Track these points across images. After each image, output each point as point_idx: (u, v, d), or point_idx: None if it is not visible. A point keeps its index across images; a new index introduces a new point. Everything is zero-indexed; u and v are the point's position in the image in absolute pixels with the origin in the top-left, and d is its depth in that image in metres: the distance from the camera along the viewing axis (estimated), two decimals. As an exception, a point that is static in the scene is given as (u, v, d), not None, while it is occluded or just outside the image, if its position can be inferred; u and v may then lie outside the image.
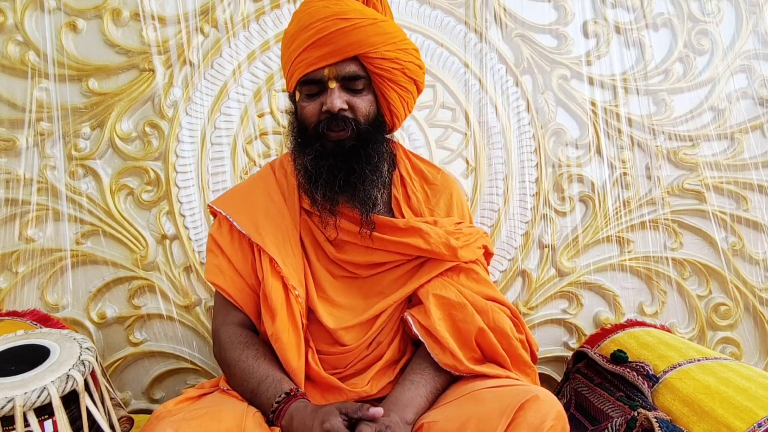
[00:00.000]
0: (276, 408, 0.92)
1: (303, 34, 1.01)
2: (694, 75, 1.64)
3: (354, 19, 1.00)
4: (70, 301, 1.50)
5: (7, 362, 0.98)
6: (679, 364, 1.20)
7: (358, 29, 1.00)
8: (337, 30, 0.99)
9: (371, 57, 1.01)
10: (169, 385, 1.55)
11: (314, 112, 1.03)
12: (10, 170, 1.49)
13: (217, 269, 1.09)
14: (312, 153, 1.03)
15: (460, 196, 1.23)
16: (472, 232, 1.15)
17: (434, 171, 1.23)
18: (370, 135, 1.05)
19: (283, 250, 1.06)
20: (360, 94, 1.04)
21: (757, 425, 0.92)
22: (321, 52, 1.00)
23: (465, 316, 1.03)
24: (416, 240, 1.07)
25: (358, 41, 1.00)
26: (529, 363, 1.06)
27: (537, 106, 1.61)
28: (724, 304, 1.64)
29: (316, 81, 1.02)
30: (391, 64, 1.04)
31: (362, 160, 1.04)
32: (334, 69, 1.01)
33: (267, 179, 1.17)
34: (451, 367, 1.01)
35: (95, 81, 1.51)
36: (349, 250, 1.11)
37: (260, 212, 1.10)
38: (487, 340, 1.02)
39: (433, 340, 1.03)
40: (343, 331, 1.05)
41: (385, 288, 1.11)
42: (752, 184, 1.64)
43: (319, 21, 0.99)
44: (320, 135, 1.03)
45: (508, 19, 1.61)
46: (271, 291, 1.02)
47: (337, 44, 0.99)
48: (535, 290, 1.61)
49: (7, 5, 1.48)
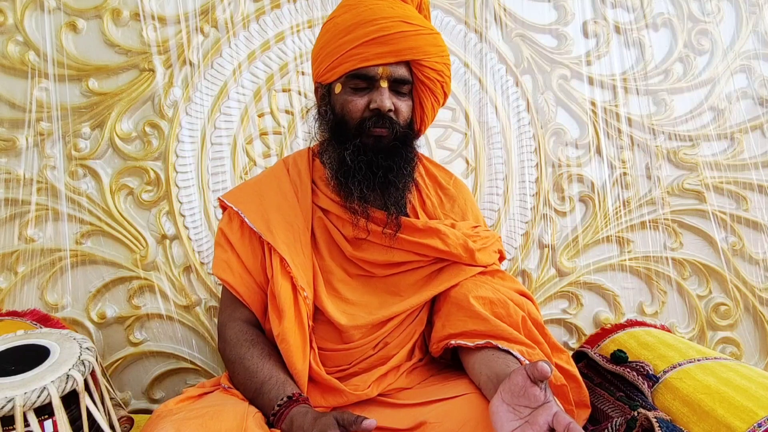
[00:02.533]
0: (277, 411, 0.92)
1: (363, 29, 1.01)
2: (694, 75, 1.64)
3: (417, 25, 1.02)
4: (70, 301, 1.50)
5: (7, 362, 0.98)
6: (679, 364, 1.20)
7: (419, 36, 1.02)
8: (400, 32, 1.00)
9: (422, 65, 1.04)
10: (169, 385, 1.55)
11: (360, 107, 1.03)
12: (10, 170, 1.48)
13: (226, 264, 1.08)
14: (351, 147, 1.03)
15: (472, 201, 1.24)
16: (489, 236, 1.16)
17: (447, 176, 1.24)
18: (406, 138, 1.07)
19: (294, 250, 1.06)
20: (404, 98, 1.06)
21: (757, 425, 0.92)
22: (380, 50, 1.00)
23: (508, 311, 1.03)
24: (434, 241, 1.07)
25: (417, 47, 1.02)
26: (562, 348, 1.07)
27: (537, 106, 1.61)
28: (724, 304, 1.64)
29: (367, 77, 1.02)
30: (436, 75, 1.06)
31: (401, 160, 1.05)
32: (389, 69, 1.02)
33: (280, 176, 1.16)
34: (525, 355, 0.96)
35: (95, 81, 1.51)
36: (367, 248, 1.10)
37: (272, 210, 1.10)
38: (528, 328, 1.03)
39: (498, 339, 0.98)
40: (354, 329, 1.05)
41: (402, 290, 1.10)
42: (752, 184, 1.64)
43: (383, 19, 1.00)
44: (362, 131, 1.03)
45: (508, 19, 1.61)
46: (280, 291, 1.01)
47: (397, 46, 1.01)
48: (535, 290, 1.61)
49: (7, 5, 1.48)
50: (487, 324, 1.00)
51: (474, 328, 1.01)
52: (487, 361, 0.94)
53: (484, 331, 1.00)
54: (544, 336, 1.04)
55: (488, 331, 1.00)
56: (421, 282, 1.11)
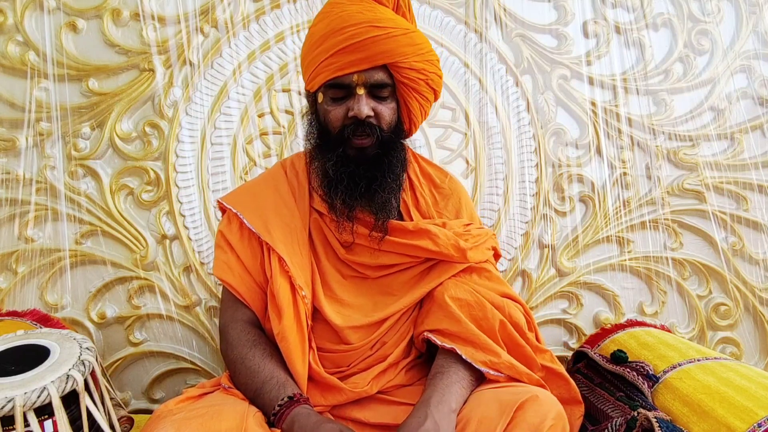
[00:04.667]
0: (278, 411, 0.92)
1: (334, 38, 1.00)
2: (694, 75, 1.64)
3: (387, 27, 1.00)
4: (70, 301, 1.50)
5: (7, 362, 0.98)
6: (679, 364, 1.20)
7: (391, 38, 1.00)
8: (371, 38, 0.99)
9: (400, 66, 1.02)
10: (169, 385, 1.55)
11: (339, 116, 1.03)
12: (10, 170, 1.48)
13: (226, 266, 1.09)
14: (333, 158, 1.03)
15: (467, 200, 1.24)
16: (481, 234, 1.16)
17: (442, 175, 1.24)
18: (392, 143, 1.06)
19: (292, 250, 1.06)
20: (385, 101, 1.05)
21: (757, 425, 0.92)
22: (352, 58, 0.99)
23: (485, 313, 1.03)
24: (425, 242, 1.07)
25: (390, 50, 1.00)
26: (543, 348, 1.07)
27: (537, 106, 1.61)
28: (724, 304, 1.64)
29: (343, 86, 1.02)
30: (418, 74, 1.04)
31: (384, 169, 1.04)
32: (363, 75, 1.01)
33: (278, 178, 1.17)
34: (488, 364, 0.98)
35: (95, 81, 1.51)
36: (358, 251, 1.10)
37: (270, 211, 1.10)
38: (507, 332, 1.03)
39: (466, 343, 1.00)
40: (350, 330, 1.05)
41: (395, 290, 1.11)
42: (752, 184, 1.64)
43: (352, 26, 0.99)
44: (344, 140, 1.03)
45: (508, 19, 1.61)
46: (279, 290, 1.02)
47: (368, 52, 0.99)
48: (535, 290, 1.61)
49: (7, 5, 1.48)
50: (459, 326, 1.01)
51: (447, 327, 1.03)
52: (436, 373, 0.99)
53: (456, 332, 1.02)
54: (525, 339, 1.04)
55: (459, 332, 1.01)
56: (413, 281, 1.11)
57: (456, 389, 0.95)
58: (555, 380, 1.06)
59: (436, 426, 0.86)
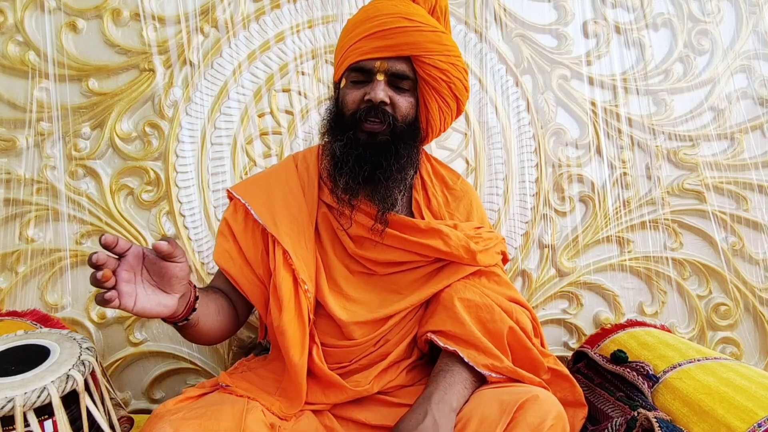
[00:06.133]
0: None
1: (365, 25, 1.03)
2: (694, 75, 1.64)
3: (417, 22, 1.03)
4: (70, 301, 1.50)
5: (7, 362, 0.98)
6: (679, 364, 1.20)
7: (418, 32, 1.02)
8: (399, 27, 1.01)
9: (423, 61, 1.03)
10: (169, 385, 1.55)
11: (356, 99, 1.04)
12: (11, 170, 1.48)
13: (227, 254, 1.10)
14: (343, 140, 1.04)
15: (478, 202, 1.24)
16: (491, 237, 1.16)
17: (454, 177, 1.25)
18: (404, 135, 1.06)
19: (297, 243, 1.06)
20: (403, 93, 1.06)
21: (757, 425, 0.92)
22: (377, 44, 1.02)
23: (493, 316, 1.03)
24: (436, 242, 1.07)
25: (415, 42, 1.02)
26: (548, 352, 1.09)
27: (537, 106, 1.61)
28: (724, 304, 1.64)
29: (365, 70, 1.04)
30: (440, 74, 1.05)
31: (391, 156, 1.04)
32: (386, 63, 1.03)
33: (288, 170, 1.17)
34: (490, 368, 0.98)
35: (95, 81, 1.51)
36: (368, 246, 1.10)
37: (278, 203, 1.11)
38: (516, 337, 1.03)
39: (469, 345, 1.01)
40: (354, 325, 1.05)
41: (402, 288, 1.11)
42: (752, 184, 1.64)
43: (384, 15, 1.02)
44: (355, 123, 1.04)
45: (508, 19, 1.61)
46: (282, 283, 1.02)
47: (394, 40, 1.02)
48: (535, 290, 1.61)
49: (7, 5, 1.48)
50: (463, 328, 1.02)
51: (450, 329, 1.03)
52: (440, 371, 0.99)
53: (459, 335, 1.02)
54: (532, 344, 1.04)
55: (462, 335, 1.02)
56: (421, 280, 1.11)
57: (458, 389, 0.95)
58: (560, 382, 1.06)
59: (436, 425, 0.86)
